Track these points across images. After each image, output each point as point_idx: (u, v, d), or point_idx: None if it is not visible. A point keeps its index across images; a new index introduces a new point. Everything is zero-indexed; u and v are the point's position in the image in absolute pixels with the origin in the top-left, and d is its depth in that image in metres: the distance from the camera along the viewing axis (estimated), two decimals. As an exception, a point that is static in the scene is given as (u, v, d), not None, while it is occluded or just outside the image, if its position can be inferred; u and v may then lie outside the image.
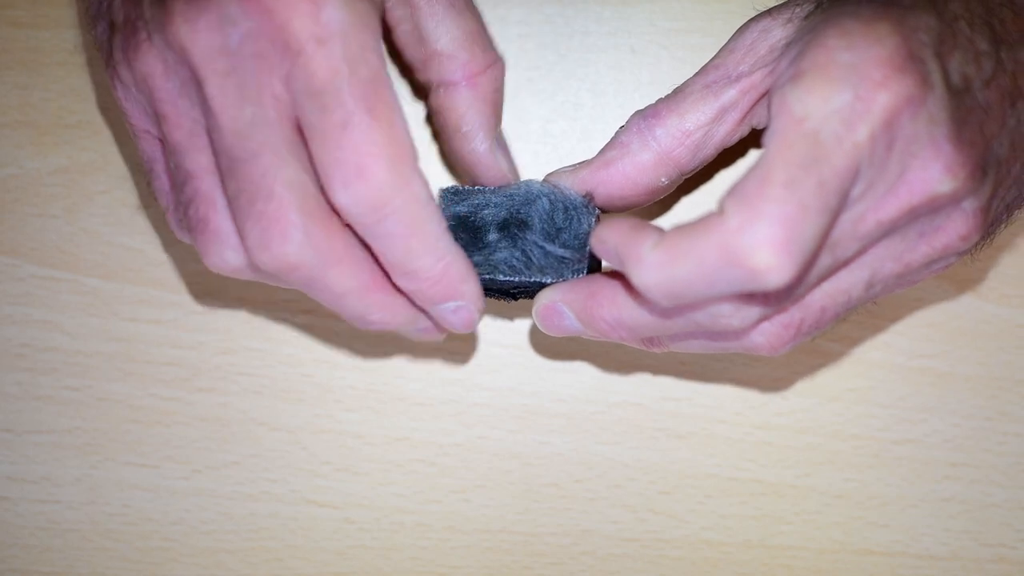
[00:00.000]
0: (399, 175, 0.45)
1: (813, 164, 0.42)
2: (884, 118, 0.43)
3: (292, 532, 0.60)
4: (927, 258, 0.47)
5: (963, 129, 0.44)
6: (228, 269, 0.48)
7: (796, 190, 0.41)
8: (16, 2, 0.60)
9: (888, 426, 0.61)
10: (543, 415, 0.60)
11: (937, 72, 0.44)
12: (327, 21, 0.44)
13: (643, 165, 0.51)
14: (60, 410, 0.60)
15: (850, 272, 0.47)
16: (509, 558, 0.61)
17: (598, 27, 0.60)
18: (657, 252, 0.43)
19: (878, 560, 0.61)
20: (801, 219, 0.41)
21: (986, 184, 0.46)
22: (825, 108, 0.42)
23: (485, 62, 0.52)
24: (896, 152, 0.44)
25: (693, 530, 0.61)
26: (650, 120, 0.51)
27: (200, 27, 0.45)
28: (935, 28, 0.44)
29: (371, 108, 0.44)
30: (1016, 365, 0.61)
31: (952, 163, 0.44)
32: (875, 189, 0.44)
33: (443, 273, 0.47)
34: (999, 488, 0.61)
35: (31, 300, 0.60)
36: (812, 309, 0.48)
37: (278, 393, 0.60)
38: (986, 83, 0.45)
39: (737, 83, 0.49)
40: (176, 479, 0.60)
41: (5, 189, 0.60)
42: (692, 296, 0.44)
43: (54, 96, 0.60)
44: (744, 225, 0.41)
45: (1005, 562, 0.61)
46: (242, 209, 0.46)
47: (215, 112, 0.45)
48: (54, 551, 0.60)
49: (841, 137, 0.42)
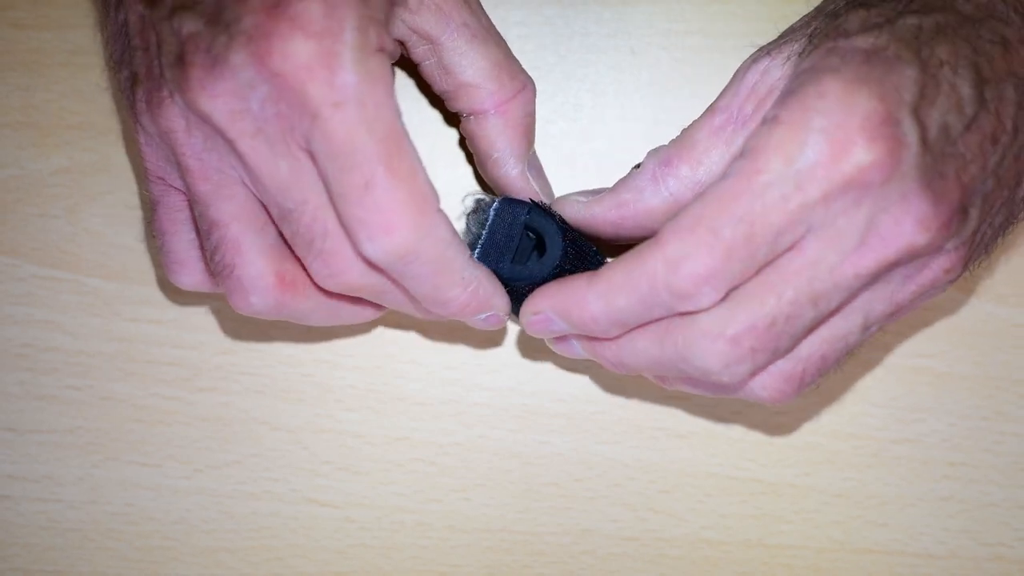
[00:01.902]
0: (422, 226, 0.47)
1: (748, 218, 0.46)
2: (845, 181, 0.46)
3: (293, 531, 0.61)
4: (915, 295, 0.49)
5: (936, 182, 0.46)
6: (252, 312, 0.50)
7: (725, 236, 0.46)
8: (18, 3, 0.60)
9: (886, 425, 0.61)
10: (543, 415, 0.61)
11: (913, 130, 0.46)
12: (341, 85, 0.45)
13: (654, 212, 0.52)
14: (62, 410, 0.60)
15: (844, 319, 0.49)
16: (509, 557, 0.61)
17: (598, 28, 0.60)
18: (596, 286, 0.49)
19: (877, 559, 0.61)
20: (725, 261, 0.46)
21: (967, 224, 0.48)
22: (784, 169, 0.46)
23: (514, 89, 0.53)
24: (865, 208, 0.46)
25: (693, 529, 0.61)
26: (663, 169, 0.52)
27: (219, 93, 0.46)
28: (916, 82, 0.46)
29: (390, 166, 0.46)
30: (1013, 365, 0.61)
31: (924, 217, 0.46)
32: (844, 241, 0.47)
33: (471, 298, 0.50)
34: (997, 487, 0.61)
35: (33, 300, 0.60)
36: (812, 359, 0.50)
37: (279, 393, 0.60)
38: (967, 128, 0.47)
39: (744, 129, 0.51)
40: (177, 478, 0.60)
41: (7, 189, 0.60)
42: (634, 320, 0.49)
43: (56, 97, 0.60)
44: (675, 258, 0.47)
45: (1003, 561, 0.61)
46: (302, 249, 0.48)
47: (253, 169, 0.47)
48: (56, 550, 0.60)
49: (788, 197, 0.46)
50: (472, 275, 0.50)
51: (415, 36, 0.52)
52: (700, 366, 0.49)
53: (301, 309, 0.51)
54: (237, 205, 0.49)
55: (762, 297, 0.47)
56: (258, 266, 0.49)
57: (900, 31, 0.47)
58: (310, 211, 0.47)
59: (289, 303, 0.50)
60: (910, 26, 0.47)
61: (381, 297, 0.50)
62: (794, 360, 0.50)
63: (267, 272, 0.49)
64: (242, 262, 0.49)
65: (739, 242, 0.46)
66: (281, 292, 0.50)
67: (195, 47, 0.46)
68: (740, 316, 0.47)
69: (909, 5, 0.48)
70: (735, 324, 0.47)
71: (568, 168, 0.60)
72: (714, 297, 0.47)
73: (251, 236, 0.49)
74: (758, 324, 0.47)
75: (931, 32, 0.47)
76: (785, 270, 0.47)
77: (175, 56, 0.47)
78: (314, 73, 0.45)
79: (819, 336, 0.49)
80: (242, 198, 0.49)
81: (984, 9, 0.48)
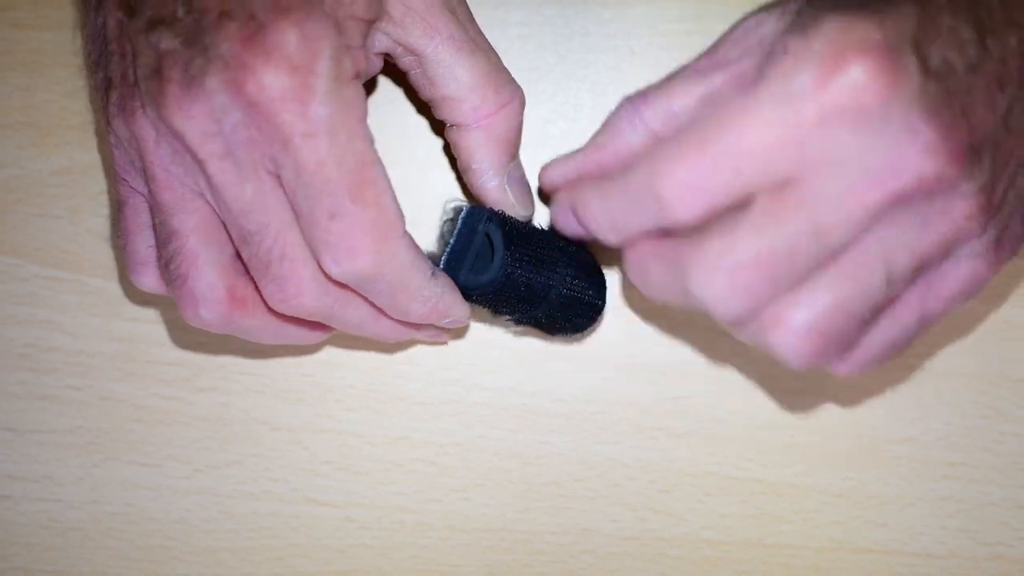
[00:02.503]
0: (384, 251, 0.49)
1: (738, 133, 0.45)
2: (841, 102, 0.44)
3: (293, 531, 0.61)
4: (939, 244, 0.47)
5: (942, 112, 0.45)
6: (200, 323, 0.52)
7: (710, 149, 0.45)
8: (18, 4, 0.60)
9: (886, 425, 0.61)
10: (543, 415, 0.61)
11: (914, 60, 0.44)
12: (313, 116, 0.46)
13: (633, 147, 0.51)
14: (62, 409, 0.60)
15: (863, 267, 0.47)
16: (509, 557, 0.61)
17: (598, 28, 0.60)
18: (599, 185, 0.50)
19: (876, 558, 0.61)
20: (709, 173, 0.45)
21: (980, 166, 0.46)
22: (780, 89, 0.45)
23: (498, 103, 0.53)
24: (866, 136, 0.44)
25: (693, 529, 0.61)
26: (638, 103, 0.51)
27: (194, 114, 0.47)
28: (915, 17, 0.45)
29: (356, 195, 0.48)
30: (1014, 364, 0.61)
31: (931, 144, 0.45)
32: (846, 171, 0.45)
33: (431, 311, 0.53)
34: (996, 487, 0.61)
35: (34, 300, 0.60)
36: (835, 310, 0.47)
37: (279, 393, 0.61)
38: (971, 68, 0.45)
39: (725, 69, 0.50)
40: (178, 478, 0.60)
41: (7, 190, 0.60)
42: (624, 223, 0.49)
43: (56, 97, 0.60)
44: (659, 159, 0.46)
45: (1003, 560, 0.61)
46: (258, 272, 0.50)
47: (219, 190, 0.48)
48: (56, 550, 0.61)
49: (782, 116, 0.45)
50: (431, 292, 0.52)
51: (400, 48, 0.52)
52: (699, 296, 0.47)
53: (248, 326, 0.52)
54: (198, 219, 0.50)
55: (761, 228, 0.46)
56: (210, 279, 0.51)
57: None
58: (271, 235, 0.49)
59: (237, 319, 0.52)
60: None
61: (331, 321, 0.52)
62: (817, 315, 0.47)
63: (219, 286, 0.51)
64: (196, 274, 0.51)
65: (725, 157, 0.45)
66: (230, 307, 0.51)
67: (172, 64, 0.47)
68: (739, 247, 0.46)
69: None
70: (734, 256, 0.46)
71: (568, 168, 0.60)
72: (693, 209, 0.46)
73: (208, 250, 0.50)
74: (758, 257, 0.46)
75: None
76: (785, 201, 0.46)
77: (151, 70, 0.48)
78: (287, 105, 0.46)
79: (842, 288, 0.47)
80: (203, 213, 0.50)
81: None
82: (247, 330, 0.53)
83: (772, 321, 0.47)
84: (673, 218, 0.47)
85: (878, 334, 0.50)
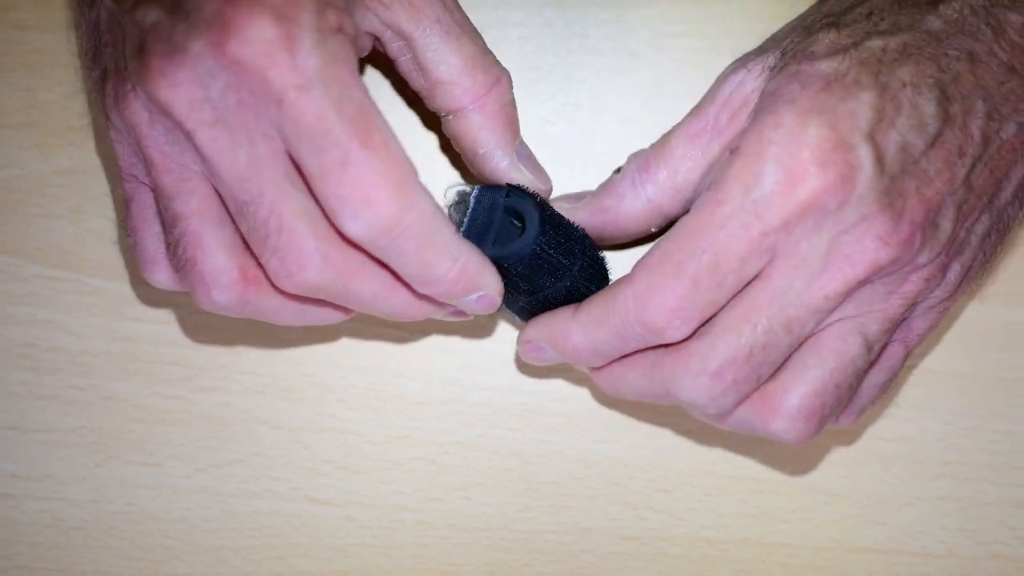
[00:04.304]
0: (404, 197, 0.46)
1: (711, 248, 0.48)
2: (801, 207, 0.47)
3: (294, 530, 0.61)
4: (904, 308, 0.51)
5: (896, 200, 0.48)
6: (215, 307, 0.50)
7: (689, 269, 0.48)
8: (20, 5, 0.60)
9: (884, 424, 0.61)
10: (543, 414, 0.61)
11: (868, 154, 0.47)
12: (303, 67, 0.45)
13: (634, 217, 0.54)
14: (64, 409, 0.60)
15: (844, 342, 0.50)
16: (509, 556, 0.61)
17: (597, 30, 0.60)
18: (578, 318, 0.52)
19: (875, 558, 0.61)
20: (691, 292, 0.48)
21: (938, 235, 0.49)
22: (743, 198, 0.48)
23: (487, 83, 0.53)
24: (825, 231, 0.48)
25: (692, 528, 0.61)
26: (642, 175, 0.54)
27: (179, 82, 0.46)
28: (873, 106, 0.48)
29: (365, 141, 0.45)
30: (1009, 364, 0.61)
31: (884, 234, 0.48)
32: (808, 265, 0.48)
33: (460, 273, 0.49)
34: (993, 486, 0.61)
35: (35, 300, 0.60)
36: (827, 391, 0.51)
37: (280, 392, 0.61)
38: (930, 144, 0.48)
39: (720, 139, 0.52)
40: (179, 477, 0.61)
41: (9, 190, 0.60)
42: (614, 352, 0.51)
43: (58, 98, 0.60)
44: (643, 293, 0.49)
45: (1000, 559, 0.61)
46: (257, 245, 0.47)
47: (210, 160, 0.47)
48: (58, 548, 0.61)
49: (748, 225, 0.48)
50: (460, 249, 0.49)
51: (388, 31, 0.52)
52: (687, 399, 0.50)
53: (266, 307, 0.50)
54: (200, 199, 0.49)
55: (738, 328, 0.49)
56: (220, 260, 0.49)
57: (863, 54, 0.49)
58: (266, 204, 0.47)
59: (253, 300, 0.50)
60: (874, 48, 0.49)
61: (340, 298, 0.49)
62: (810, 397, 0.51)
63: (230, 267, 0.49)
64: (203, 256, 0.49)
65: (704, 273, 0.48)
66: (244, 288, 0.49)
67: (155, 37, 0.46)
68: (720, 349, 0.49)
69: (878, 25, 0.50)
70: (715, 358, 0.49)
71: (567, 169, 0.60)
72: (684, 330, 0.49)
73: (213, 230, 0.49)
74: (738, 356, 0.49)
75: (895, 53, 0.49)
76: (756, 299, 0.49)
77: (136, 47, 0.47)
78: (274, 58, 0.45)
79: (827, 367, 0.50)
80: (205, 192, 0.49)
81: (954, 24, 0.50)
82: (264, 311, 0.51)
83: (768, 411, 0.51)
84: (666, 340, 0.50)
85: (868, 384, 0.54)
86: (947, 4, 0.50)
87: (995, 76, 0.50)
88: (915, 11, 0.50)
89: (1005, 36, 0.50)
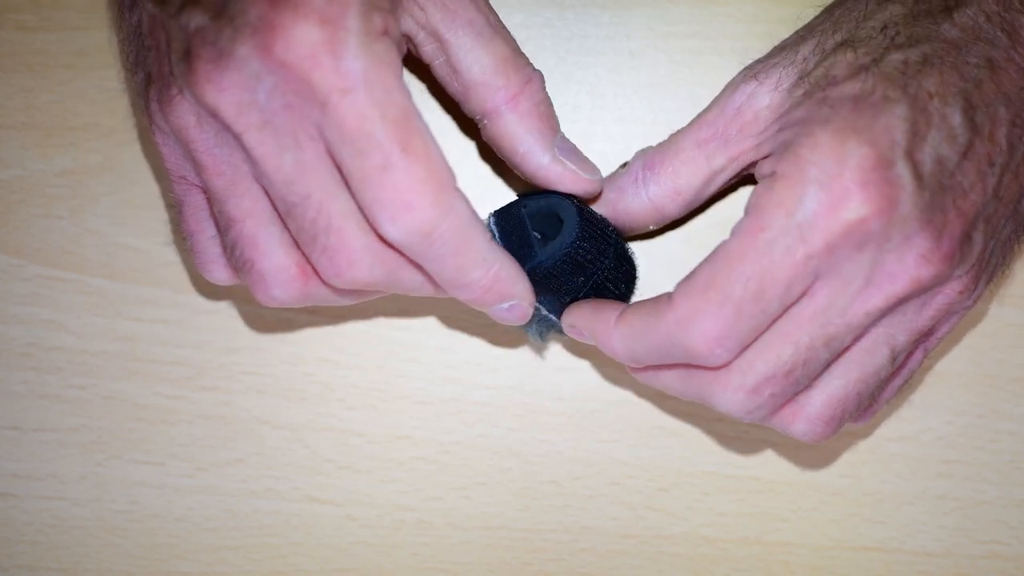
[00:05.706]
0: (442, 203, 0.46)
1: (756, 275, 0.48)
2: (845, 229, 0.47)
3: (295, 529, 0.61)
4: (934, 319, 0.51)
5: (937, 216, 0.48)
6: (276, 304, 0.50)
7: (734, 296, 0.48)
8: (22, 6, 0.60)
9: (883, 423, 0.61)
10: (543, 413, 0.61)
11: (907, 170, 0.47)
12: (347, 71, 0.45)
13: (634, 213, 0.54)
14: (66, 408, 0.60)
15: (871, 355, 0.51)
16: (509, 555, 0.61)
17: (597, 31, 0.60)
18: (619, 328, 0.51)
19: (873, 556, 0.61)
20: (735, 320, 0.48)
21: (973, 249, 0.49)
22: (786, 222, 0.47)
23: (520, 82, 0.52)
24: (868, 251, 0.47)
25: (691, 527, 0.61)
26: (646, 173, 0.54)
27: (226, 86, 0.46)
28: (907, 120, 0.47)
29: (406, 146, 0.46)
30: (1009, 363, 0.61)
31: (927, 252, 0.48)
32: (851, 284, 0.48)
33: (494, 281, 0.49)
34: (992, 485, 0.61)
35: (37, 300, 0.60)
36: (849, 399, 0.51)
37: (281, 392, 0.61)
38: (963, 156, 0.48)
39: (726, 149, 0.52)
40: (180, 476, 0.61)
41: (11, 190, 0.60)
42: (651, 362, 0.51)
43: (59, 99, 0.60)
44: (686, 319, 0.49)
45: (998, 558, 0.61)
46: (307, 245, 0.48)
47: (259, 163, 0.47)
48: (60, 547, 0.61)
49: (792, 249, 0.47)
50: (494, 256, 0.49)
51: (423, 33, 0.52)
52: (722, 410, 0.51)
53: (324, 295, 0.51)
54: (251, 200, 0.49)
55: (779, 348, 0.49)
56: (277, 259, 0.49)
57: (886, 69, 0.48)
58: (314, 205, 0.47)
59: (313, 291, 0.50)
60: (896, 62, 0.48)
61: (391, 289, 0.50)
62: (832, 403, 0.51)
63: (288, 264, 0.50)
64: (260, 256, 0.49)
65: (749, 300, 0.48)
66: (304, 282, 0.50)
67: (202, 41, 0.46)
68: (759, 367, 0.49)
69: (895, 39, 0.49)
70: (754, 375, 0.49)
71: (567, 169, 0.60)
72: (727, 357, 0.49)
73: (268, 230, 0.49)
74: (777, 373, 0.49)
75: (917, 65, 0.48)
76: (799, 318, 0.49)
77: (183, 51, 0.47)
78: (319, 61, 0.45)
79: (852, 376, 0.51)
80: (255, 193, 0.49)
81: (970, 32, 0.49)
82: (324, 298, 0.51)
83: (789, 414, 0.51)
84: (707, 365, 0.49)
85: (888, 388, 0.54)
86: (961, 12, 0.49)
87: (1014, 82, 0.49)
88: (930, 21, 0.49)
89: (1021, 41, 0.50)
